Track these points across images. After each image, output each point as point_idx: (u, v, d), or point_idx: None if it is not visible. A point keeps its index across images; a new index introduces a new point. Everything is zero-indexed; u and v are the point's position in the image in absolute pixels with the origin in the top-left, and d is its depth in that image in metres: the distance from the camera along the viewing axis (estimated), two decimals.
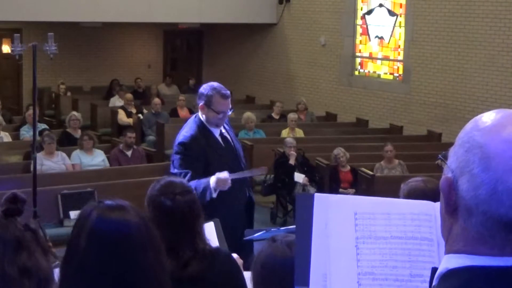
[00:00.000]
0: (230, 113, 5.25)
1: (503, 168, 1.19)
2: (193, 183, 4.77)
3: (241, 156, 5.32)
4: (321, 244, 1.71)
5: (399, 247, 1.72)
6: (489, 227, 1.21)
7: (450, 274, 1.24)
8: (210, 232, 3.55)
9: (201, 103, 5.10)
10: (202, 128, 5.11)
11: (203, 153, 5.01)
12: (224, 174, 4.80)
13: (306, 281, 1.69)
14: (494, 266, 1.21)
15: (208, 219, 4.14)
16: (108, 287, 1.80)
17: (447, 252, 1.29)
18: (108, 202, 1.90)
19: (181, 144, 5.03)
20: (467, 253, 1.24)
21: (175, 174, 4.91)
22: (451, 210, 1.27)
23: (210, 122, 5.11)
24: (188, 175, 4.86)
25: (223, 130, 5.24)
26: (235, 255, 3.39)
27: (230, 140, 5.27)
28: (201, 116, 5.14)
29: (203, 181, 4.84)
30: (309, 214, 1.73)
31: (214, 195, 4.79)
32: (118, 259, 1.80)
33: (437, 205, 1.78)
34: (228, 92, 5.16)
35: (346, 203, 1.76)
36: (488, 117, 1.28)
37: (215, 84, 5.20)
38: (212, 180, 4.80)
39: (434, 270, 1.29)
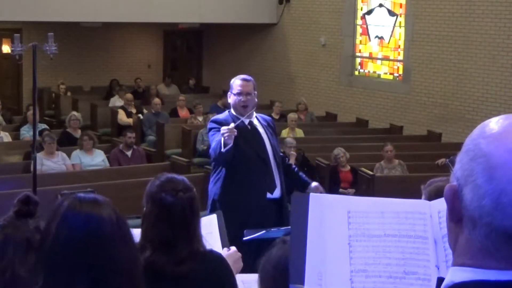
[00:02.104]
0: (251, 97, 5.46)
1: (508, 179, 1.15)
2: (212, 150, 5.25)
3: (271, 150, 5.46)
4: (316, 243, 1.71)
5: (393, 245, 1.72)
6: (493, 240, 1.17)
7: None
8: (212, 224, 3.54)
9: (228, 93, 5.55)
10: (232, 115, 5.47)
11: None
12: (229, 126, 5.15)
13: (301, 279, 1.69)
14: (501, 280, 1.16)
15: (228, 213, 4.16)
16: (77, 278, 1.80)
17: (454, 264, 1.25)
18: (81, 195, 1.90)
19: (213, 121, 5.45)
20: (472, 267, 1.20)
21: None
22: (456, 220, 1.23)
23: (236, 110, 5.45)
24: (214, 149, 5.22)
25: (256, 123, 5.53)
26: (233, 248, 3.38)
27: (260, 133, 5.49)
28: (231, 107, 5.52)
29: (217, 143, 5.23)
30: (305, 214, 1.73)
31: (223, 149, 5.09)
32: (86, 252, 1.80)
33: (433, 203, 1.78)
34: (248, 77, 5.59)
35: (340, 202, 1.77)
36: (495, 123, 1.22)
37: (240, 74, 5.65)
38: (221, 136, 5.16)
39: (440, 280, 1.26)
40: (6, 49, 16.41)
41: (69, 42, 16.16)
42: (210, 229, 3.37)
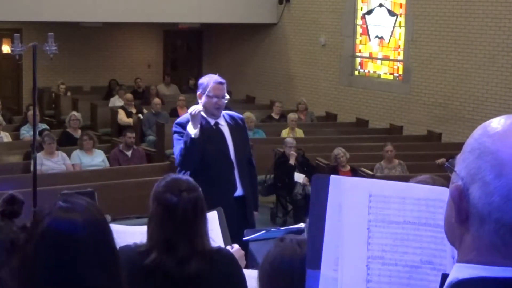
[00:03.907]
0: (225, 101, 5.52)
1: None
2: (177, 147, 5.30)
3: (234, 149, 5.49)
4: (335, 227, 1.69)
5: (412, 232, 1.71)
6: (502, 236, 1.18)
7: (461, 284, 1.21)
8: (213, 221, 3.54)
9: (198, 92, 5.51)
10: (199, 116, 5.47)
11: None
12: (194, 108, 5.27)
13: (317, 264, 1.68)
14: (508, 277, 1.18)
15: None
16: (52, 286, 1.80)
17: (458, 261, 1.26)
18: (60, 203, 1.89)
19: (177, 123, 5.47)
20: (479, 263, 1.21)
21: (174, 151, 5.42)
22: (462, 219, 1.24)
23: (207, 110, 5.44)
24: (180, 148, 5.29)
25: (222, 123, 5.52)
26: (236, 246, 3.38)
27: (224, 132, 5.50)
28: (202, 107, 5.47)
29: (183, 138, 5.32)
30: (324, 196, 1.71)
31: (192, 133, 5.22)
32: (63, 259, 1.79)
33: None
34: (223, 80, 5.53)
35: (361, 185, 1.75)
36: (497, 123, 1.24)
37: (211, 74, 5.64)
38: (188, 129, 5.26)
39: (444, 276, 1.27)
40: (6, 49, 16.41)
41: (69, 42, 16.15)
42: (211, 226, 3.38)
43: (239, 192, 5.47)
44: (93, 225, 1.84)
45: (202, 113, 5.43)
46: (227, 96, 5.56)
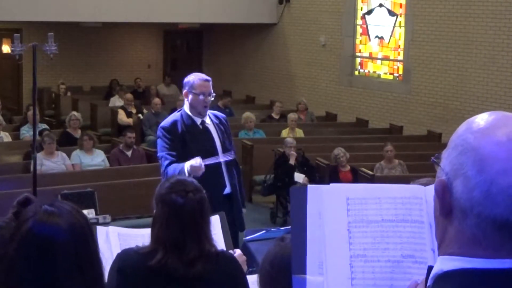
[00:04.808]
0: (212, 98, 5.53)
1: (497, 170, 1.21)
2: (171, 169, 5.10)
3: (221, 148, 5.48)
4: (316, 233, 1.75)
5: (391, 229, 1.76)
6: (483, 229, 1.22)
7: (445, 276, 1.25)
8: (215, 225, 3.55)
9: (184, 91, 5.52)
10: (184, 115, 5.47)
11: (181, 136, 5.34)
12: (197, 161, 5.05)
13: (303, 269, 1.73)
14: (489, 268, 1.21)
15: None
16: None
17: (442, 254, 1.29)
18: (46, 206, 1.91)
19: (161, 127, 5.45)
20: (462, 255, 1.25)
21: (159, 157, 5.33)
22: (445, 212, 1.28)
23: (194, 109, 5.44)
24: (167, 161, 5.20)
25: (208, 122, 5.52)
26: (238, 251, 3.39)
27: (211, 132, 5.50)
28: (185, 106, 5.52)
29: (179, 166, 5.12)
30: (303, 205, 1.77)
31: (185, 172, 5.03)
32: (43, 261, 1.81)
33: (428, 188, 1.83)
34: (208, 77, 5.57)
35: (338, 190, 1.81)
36: (481, 119, 1.28)
37: (196, 73, 5.68)
38: (186, 166, 5.07)
39: (430, 268, 1.30)
40: (6, 49, 16.40)
41: (69, 42, 16.15)
42: (213, 230, 3.38)
43: (227, 190, 5.49)
44: (75, 230, 1.86)
45: (188, 112, 5.44)
46: (213, 94, 5.56)
